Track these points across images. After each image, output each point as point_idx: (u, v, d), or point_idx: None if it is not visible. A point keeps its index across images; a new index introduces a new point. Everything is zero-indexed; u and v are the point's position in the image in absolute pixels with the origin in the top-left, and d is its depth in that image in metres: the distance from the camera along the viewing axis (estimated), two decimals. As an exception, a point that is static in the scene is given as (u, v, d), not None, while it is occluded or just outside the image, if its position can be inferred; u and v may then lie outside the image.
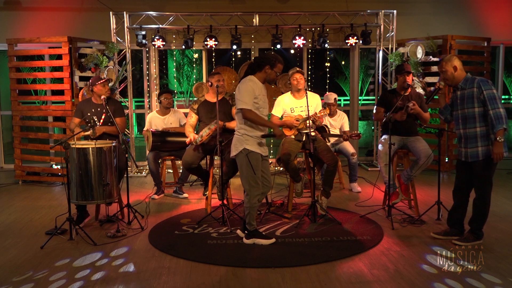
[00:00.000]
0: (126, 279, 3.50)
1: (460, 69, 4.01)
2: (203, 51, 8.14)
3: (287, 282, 3.41)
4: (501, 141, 3.78)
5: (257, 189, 4.06)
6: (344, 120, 6.33)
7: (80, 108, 5.06)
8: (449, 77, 4.03)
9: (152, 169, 5.81)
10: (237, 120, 4.12)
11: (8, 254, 4.03)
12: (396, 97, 4.98)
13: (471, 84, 3.93)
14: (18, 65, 7.15)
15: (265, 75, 4.10)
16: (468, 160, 4.00)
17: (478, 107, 3.89)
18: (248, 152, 4.02)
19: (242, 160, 4.04)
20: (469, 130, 3.96)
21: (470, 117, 3.94)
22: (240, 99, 3.99)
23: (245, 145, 4.03)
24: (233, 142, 4.14)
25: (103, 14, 7.59)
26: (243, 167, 4.05)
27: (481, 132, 3.91)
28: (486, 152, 3.91)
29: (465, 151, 4.02)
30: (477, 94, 3.88)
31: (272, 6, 7.92)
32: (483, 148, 3.91)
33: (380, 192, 5.73)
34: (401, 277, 3.47)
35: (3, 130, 8.14)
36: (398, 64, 7.32)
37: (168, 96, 6.12)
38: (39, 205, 5.69)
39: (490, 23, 8.33)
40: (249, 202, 4.08)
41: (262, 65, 4.07)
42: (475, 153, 3.94)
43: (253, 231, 4.16)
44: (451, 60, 4.02)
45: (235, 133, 4.15)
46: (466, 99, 3.95)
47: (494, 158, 3.84)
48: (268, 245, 4.10)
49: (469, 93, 3.93)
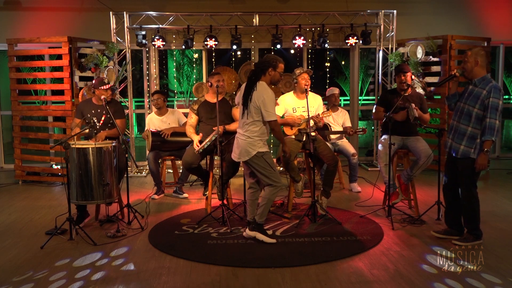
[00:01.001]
0: (126, 279, 3.50)
1: (481, 66, 3.97)
2: (203, 51, 8.13)
3: (287, 282, 3.41)
4: (486, 154, 3.84)
5: (279, 186, 4.13)
6: (345, 116, 6.36)
7: (80, 109, 5.06)
8: (468, 68, 3.98)
9: (152, 169, 5.81)
10: (248, 125, 4.08)
11: (8, 254, 4.03)
12: (396, 97, 4.98)
13: (484, 85, 3.92)
14: (18, 65, 7.15)
15: (269, 78, 4.11)
16: (450, 152, 4.09)
17: (478, 109, 3.90)
18: (263, 153, 4.07)
19: (259, 162, 4.07)
20: (461, 126, 4.01)
21: (467, 115, 3.97)
22: (268, 110, 4.01)
23: (258, 149, 4.06)
24: (243, 147, 4.10)
25: (103, 14, 7.59)
26: (262, 169, 4.08)
27: (470, 132, 3.94)
28: (465, 153, 3.95)
29: (451, 143, 4.09)
30: (483, 97, 3.88)
31: (272, 6, 7.91)
32: (465, 148, 3.96)
33: (380, 192, 5.73)
34: (401, 277, 3.47)
35: (3, 130, 8.14)
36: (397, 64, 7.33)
37: (156, 96, 6.07)
38: (39, 205, 5.69)
39: (490, 23, 8.33)
40: (270, 194, 4.11)
41: (265, 69, 4.08)
42: (457, 149, 4.02)
43: (261, 224, 4.19)
44: (477, 54, 3.96)
45: (243, 137, 4.10)
46: (472, 96, 3.96)
47: (477, 167, 3.90)
48: (268, 244, 4.11)
49: (477, 92, 3.93)
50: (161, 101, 6.05)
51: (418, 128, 5.15)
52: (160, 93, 6.16)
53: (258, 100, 4.01)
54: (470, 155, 3.93)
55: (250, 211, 4.27)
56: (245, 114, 4.09)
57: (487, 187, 6.41)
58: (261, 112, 4.02)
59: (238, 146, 4.17)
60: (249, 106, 4.05)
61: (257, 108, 4.02)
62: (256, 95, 4.02)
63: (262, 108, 4.00)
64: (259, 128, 4.07)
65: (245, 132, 4.09)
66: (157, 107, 6.09)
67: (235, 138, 4.25)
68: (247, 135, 4.08)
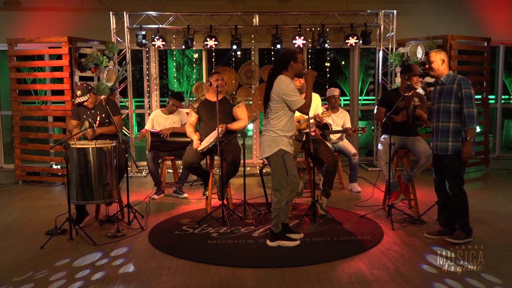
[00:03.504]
0: (126, 279, 3.50)
1: (445, 64, 4.11)
2: (203, 51, 8.13)
3: (287, 282, 3.41)
4: (470, 141, 3.95)
5: (287, 191, 4.01)
6: (346, 117, 6.35)
7: (76, 110, 5.10)
8: (435, 68, 4.11)
9: (151, 169, 5.81)
10: (272, 120, 3.98)
11: (8, 254, 4.03)
12: (398, 97, 4.98)
13: (452, 80, 4.05)
14: (18, 65, 7.15)
15: (293, 71, 4.01)
16: (438, 153, 4.14)
17: (454, 103, 4.01)
18: (284, 153, 3.97)
19: (277, 161, 3.97)
20: (442, 124, 4.07)
21: (445, 112, 4.05)
22: (292, 98, 3.89)
23: (280, 146, 3.96)
24: (266, 142, 4.01)
25: (103, 14, 7.59)
26: (277, 168, 3.98)
27: (453, 127, 4.02)
28: (455, 148, 4.03)
29: (437, 144, 4.14)
30: (455, 91, 4.00)
31: (272, 6, 7.92)
32: (453, 143, 4.03)
33: (380, 192, 5.73)
34: (401, 277, 3.47)
35: (3, 130, 8.14)
36: (399, 64, 7.33)
37: (177, 103, 6.03)
38: (39, 205, 5.69)
39: (490, 23, 8.33)
40: (278, 203, 4.00)
41: (286, 64, 3.98)
42: (445, 147, 4.07)
43: (278, 233, 4.11)
44: (440, 53, 4.12)
45: (268, 133, 4.00)
46: (444, 94, 4.07)
47: (463, 157, 3.99)
48: (268, 244, 4.09)
49: (448, 89, 4.04)
50: (176, 108, 6.04)
51: (418, 128, 5.15)
52: (180, 100, 6.07)
53: (278, 95, 3.91)
54: (460, 149, 4.02)
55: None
56: (267, 113, 4.02)
57: (487, 187, 6.41)
58: (286, 104, 3.93)
59: (261, 143, 4.08)
60: (269, 105, 3.98)
61: (278, 101, 3.92)
62: (274, 91, 3.94)
63: (286, 99, 3.90)
64: (284, 122, 3.96)
65: (270, 128, 3.99)
66: (171, 110, 6.04)
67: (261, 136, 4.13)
68: (272, 130, 3.98)
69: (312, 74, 4.06)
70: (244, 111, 5.21)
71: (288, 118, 3.98)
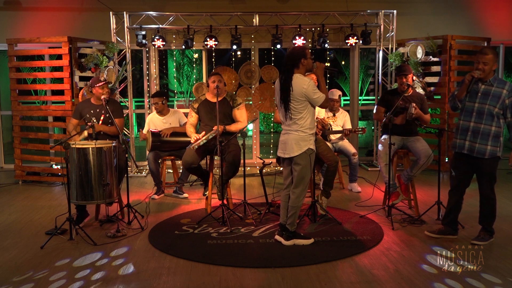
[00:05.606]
0: (126, 279, 3.50)
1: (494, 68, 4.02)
2: (203, 51, 8.13)
3: (287, 282, 3.41)
4: None
5: (306, 189, 4.10)
6: (346, 118, 6.33)
7: (79, 109, 5.08)
8: (487, 70, 3.96)
9: (152, 169, 5.81)
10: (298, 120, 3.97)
11: (8, 254, 4.03)
12: (397, 97, 4.98)
13: (502, 84, 3.96)
14: (18, 65, 7.15)
15: (304, 67, 4.02)
16: (473, 154, 4.03)
17: (499, 108, 3.95)
18: (311, 152, 4.01)
19: (305, 160, 3.99)
20: (484, 126, 3.98)
21: (489, 115, 3.96)
22: (314, 96, 3.92)
23: (309, 145, 3.99)
24: (294, 140, 3.99)
25: (103, 14, 7.59)
26: (304, 166, 3.99)
27: (495, 132, 3.97)
28: (493, 152, 3.99)
29: (471, 144, 4.02)
30: (504, 96, 3.92)
31: (272, 6, 7.91)
32: (492, 147, 3.98)
33: (380, 192, 5.73)
34: (401, 277, 3.47)
35: (3, 130, 8.14)
36: (398, 64, 7.33)
37: (154, 101, 5.98)
38: (39, 205, 5.69)
39: (490, 23, 8.32)
40: (297, 200, 4.05)
41: (297, 62, 3.98)
42: (483, 151, 3.99)
43: (294, 232, 4.13)
44: (496, 57, 3.99)
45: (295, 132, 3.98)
46: (491, 96, 3.96)
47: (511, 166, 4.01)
48: (267, 244, 4.10)
49: (496, 92, 3.94)
50: (160, 105, 5.96)
51: (418, 128, 5.15)
52: (158, 96, 6.02)
53: (301, 95, 3.92)
54: (497, 154, 4.00)
55: (283, 213, 4.18)
56: (288, 115, 3.99)
57: (487, 187, 6.39)
58: (310, 102, 3.96)
59: (286, 142, 4.04)
60: (290, 107, 3.96)
61: (301, 102, 3.93)
62: (296, 92, 3.92)
63: (310, 98, 3.93)
64: (310, 121, 3.99)
65: (298, 128, 3.97)
66: (157, 110, 6.04)
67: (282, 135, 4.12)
68: (301, 130, 3.97)
69: (321, 67, 4.11)
70: (244, 113, 5.20)
71: (312, 116, 4.02)
